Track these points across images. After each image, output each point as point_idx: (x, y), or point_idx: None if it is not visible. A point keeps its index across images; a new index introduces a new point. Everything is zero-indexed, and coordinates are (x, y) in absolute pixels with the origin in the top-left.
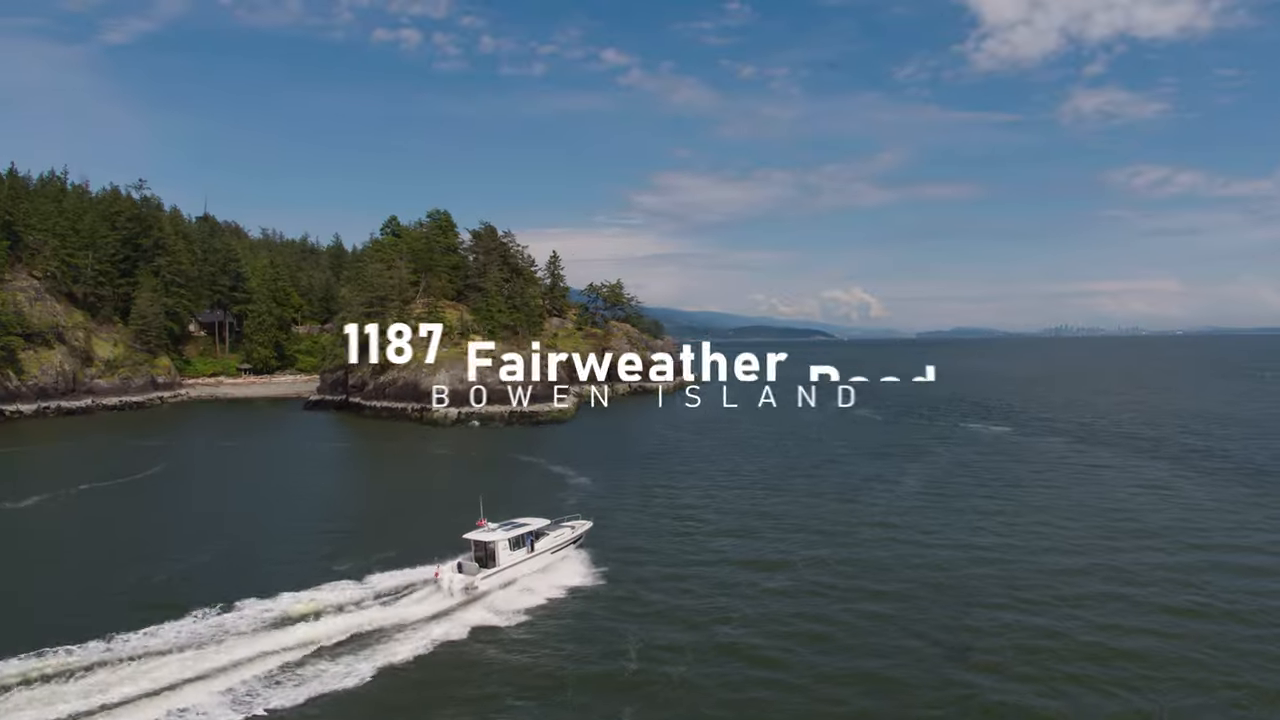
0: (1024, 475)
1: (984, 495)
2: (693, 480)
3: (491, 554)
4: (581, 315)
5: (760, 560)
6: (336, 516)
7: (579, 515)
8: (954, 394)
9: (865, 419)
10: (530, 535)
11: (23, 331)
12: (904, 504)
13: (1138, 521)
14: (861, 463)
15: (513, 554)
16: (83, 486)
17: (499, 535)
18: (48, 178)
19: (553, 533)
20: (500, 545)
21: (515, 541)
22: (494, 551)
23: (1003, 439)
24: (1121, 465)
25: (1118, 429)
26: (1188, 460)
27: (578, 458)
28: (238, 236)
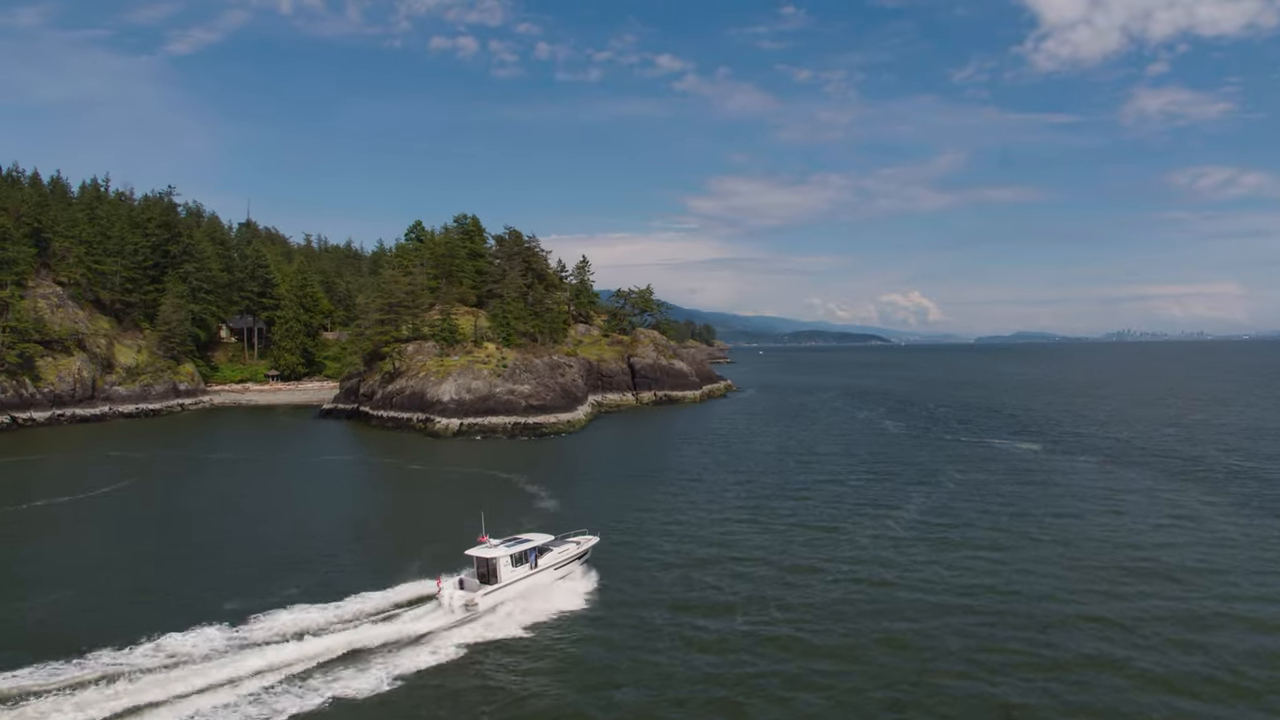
0: (1036, 503)
1: (984, 527)
2: (669, 501)
3: (493, 570)
4: (610, 321)
5: (700, 604)
6: (305, 536)
7: (585, 530)
8: (994, 404)
9: (887, 432)
10: (533, 551)
11: (42, 339)
12: (891, 534)
13: (1152, 561)
14: (862, 484)
15: (514, 570)
16: (38, 503)
17: (500, 551)
18: (89, 185)
19: (557, 549)
20: (502, 562)
21: (517, 558)
22: (495, 568)
23: (1026, 459)
24: (1149, 490)
25: (1155, 446)
26: (1224, 486)
27: (562, 475)
28: (275, 243)
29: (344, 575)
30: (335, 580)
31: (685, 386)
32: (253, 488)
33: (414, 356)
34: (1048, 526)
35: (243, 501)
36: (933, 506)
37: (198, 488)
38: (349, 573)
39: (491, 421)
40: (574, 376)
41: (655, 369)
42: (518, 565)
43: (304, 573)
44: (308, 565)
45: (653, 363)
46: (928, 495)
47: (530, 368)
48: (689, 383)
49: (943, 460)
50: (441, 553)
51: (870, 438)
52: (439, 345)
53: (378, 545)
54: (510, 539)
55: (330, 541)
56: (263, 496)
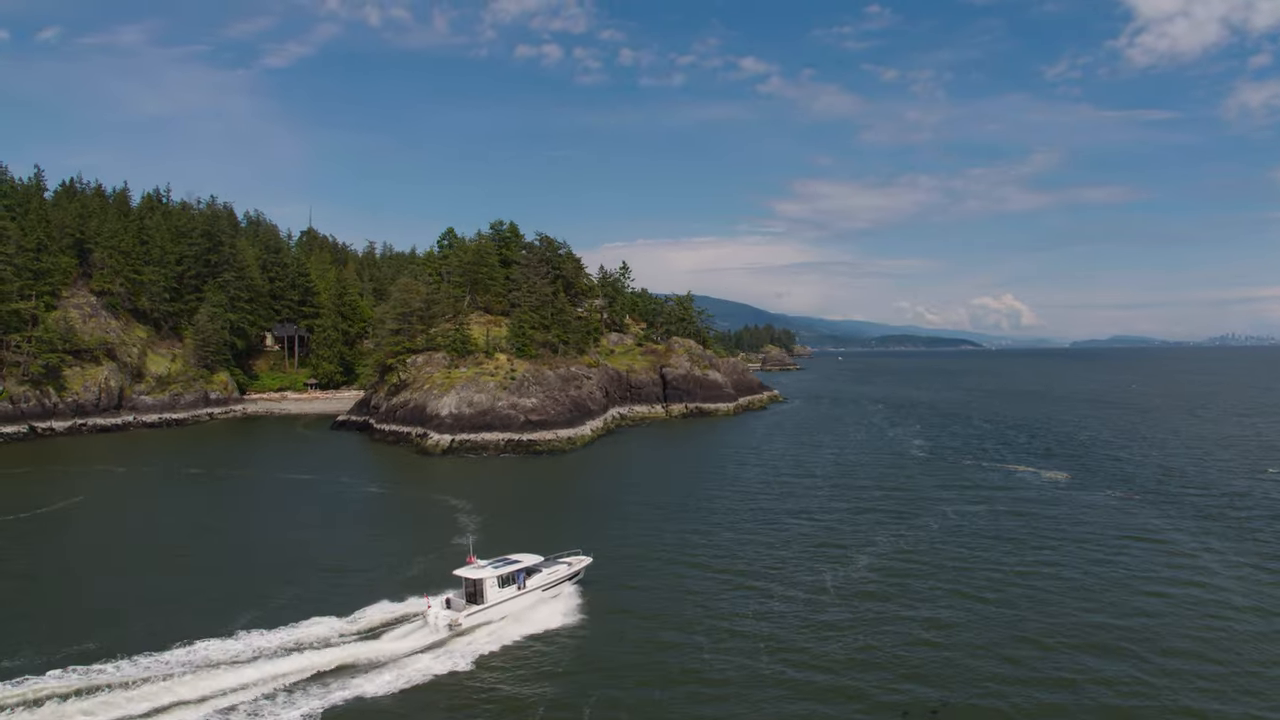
0: (1031, 553)
1: (950, 586)
2: (614, 531)
3: (480, 591)
4: (648, 330)
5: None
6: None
7: (579, 550)
8: (1045, 421)
9: (907, 453)
10: (521, 573)
11: (71, 348)
12: (820, 590)
13: (1150, 642)
14: (834, 518)
15: (501, 591)
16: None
17: (487, 572)
18: (149, 196)
19: (547, 569)
20: (488, 582)
21: (504, 579)
22: (482, 589)
23: (1044, 491)
24: (1174, 538)
25: (1199, 478)
26: (1262, 534)
27: (519, 499)
28: (326, 251)
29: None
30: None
31: (719, 399)
32: (190, 508)
33: (422, 368)
34: (1032, 586)
35: (161, 526)
36: (894, 554)
37: (126, 509)
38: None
39: (484, 438)
40: (591, 389)
41: (688, 380)
42: (504, 586)
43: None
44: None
45: (685, 373)
46: (898, 539)
47: (541, 380)
48: (723, 395)
49: (945, 492)
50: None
51: (882, 460)
52: (449, 356)
53: (254, 579)
54: (499, 559)
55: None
56: (188, 520)
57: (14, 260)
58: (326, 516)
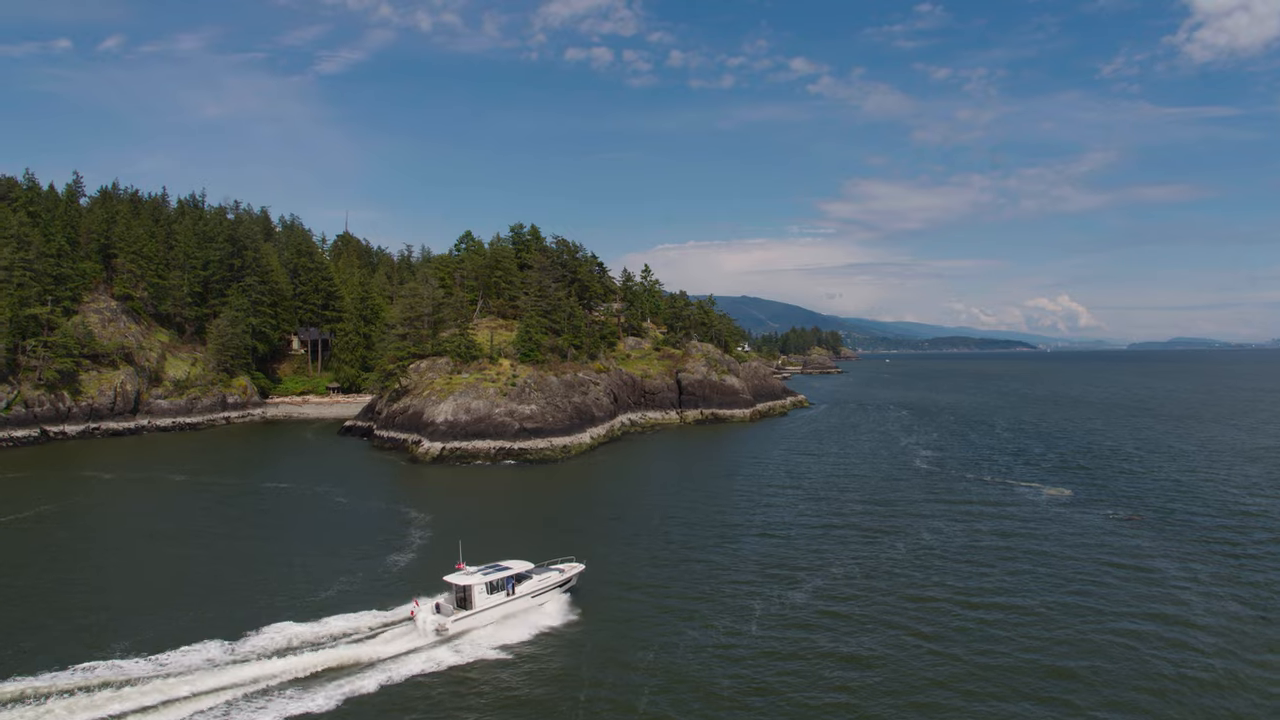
0: (994, 580)
1: (888, 617)
2: (564, 549)
3: (468, 597)
4: (668, 334)
5: None
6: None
7: (572, 557)
8: (1066, 427)
9: (910, 465)
10: (511, 579)
11: (89, 353)
12: (773, 618)
13: (1090, 691)
14: (804, 536)
15: (489, 598)
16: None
17: (476, 579)
18: (186, 200)
19: (538, 576)
20: (476, 589)
21: (492, 585)
22: (470, 595)
23: (1038, 509)
24: (1159, 567)
25: (1214, 497)
26: (1258, 565)
27: (482, 514)
28: (364, 256)
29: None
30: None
31: (735, 405)
32: (145, 517)
33: (425, 374)
34: (950, 624)
35: (107, 536)
36: (844, 579)
37: (85, 520)
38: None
39: (475, 446)
40: (598, 395)
41: (704, 385)
42: (493, 593)
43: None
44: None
45: (701, 379)
46: (857, 561)
47: (543, 386)
48: (739, 401)
49: (930, 508)
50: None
51: (879, 472)
52: (453, 362)
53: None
54: (490, 566)
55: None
56: (139, 529)
57: (34, 266)
58: (273, 528)
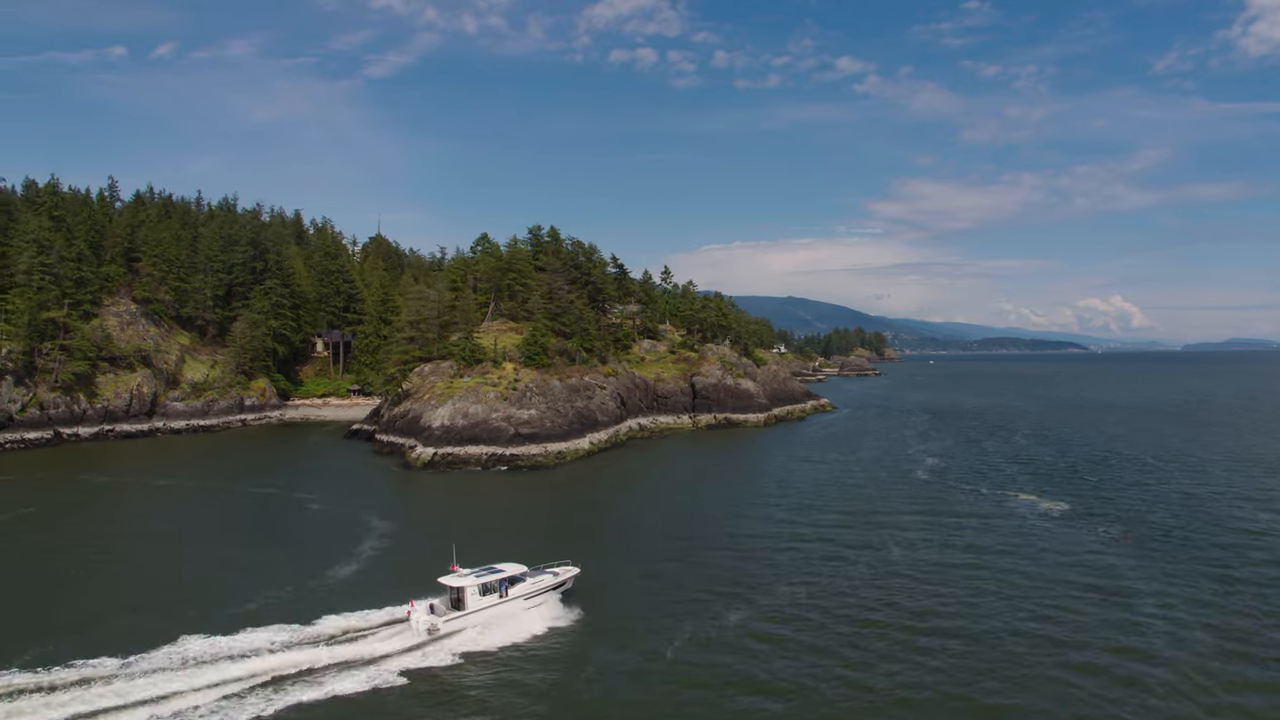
0: (948, 604)
1: (817, 640)
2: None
3: (461, 598)
4: (687, 336)
5: None
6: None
7: (568, 561)
8: (1087, 434)
9: (909, 474)
10: (504, 582)
11: (106, 355)
12: (692, 645)
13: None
14: (766, 552)
15: (482, 599)
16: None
17: (469, 581)
18: (219, 204)
19: (532, 579)
20: (469, 591)
21: (485, 588)
22: (463, 596)
23: (1026, 525)
24: (1135, 591)
25: (1221, 513)
26: (1243, 596)
27: (453, 522)
28: (394, 258)
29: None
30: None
31: (749, 409)
32: (114, 522)
33: (428, 377)
34: (876, 652)
35: (68, 540)
36: (788, 603)
37: (57, 524)
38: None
39: (468, 452)
40: (604, 399)
41: (718, 389)
42: (485, 595)
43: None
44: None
45: (716, 382)
46: (809, 582)
47: (545, 390)
48: (754, 405)
49: (910, 521)
50: None
51: (875, 481)
52: (456, 365)
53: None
54: (484, 568)
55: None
56: (100, 532)
57: (54, 270)
58: (231, 536)
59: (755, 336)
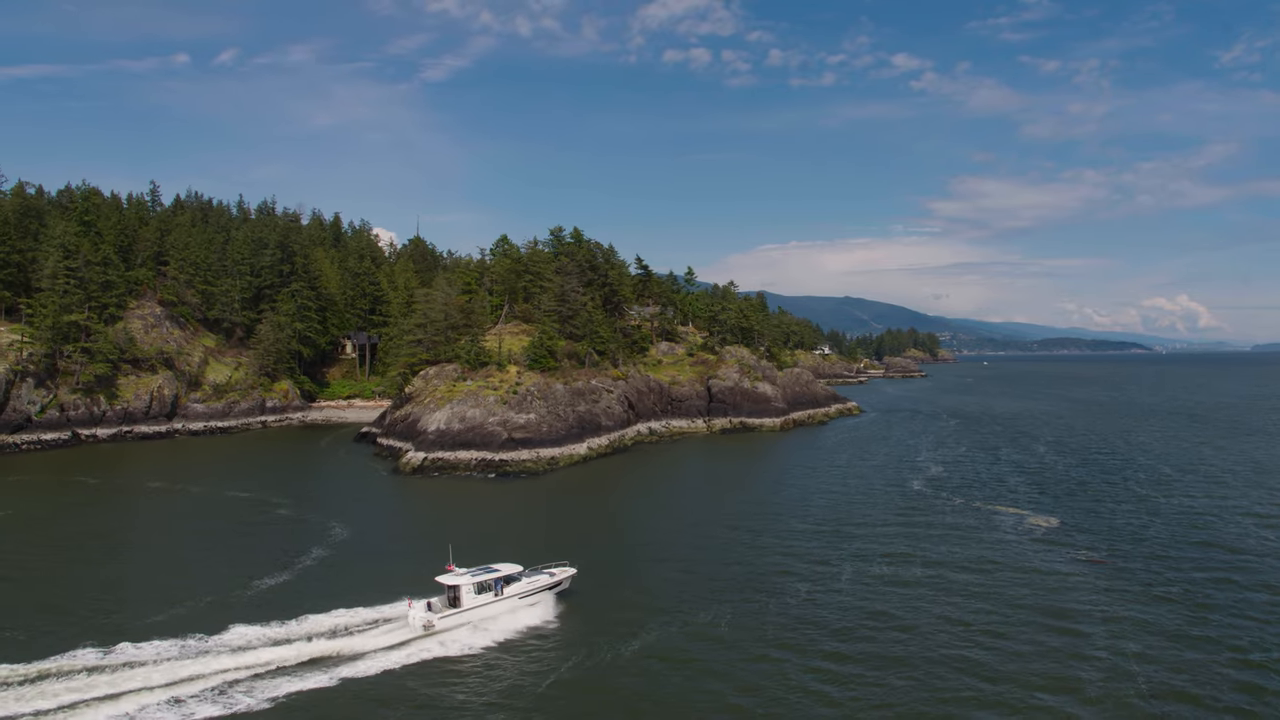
0: (876, 636)
1: (710, 682)
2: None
3: (457, 596)
4: (708, 338)
5: None
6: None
7: (565, 562)
8: (1109, 443)
9: (904, 485)
10: (499, 581)
11: (129, 358)
12: (578, 676)
13: None
14: (707, 572)
15: (477, 597)
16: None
17: (465, 580)
18: (259, 207)
19: (527, 579)
20: (465, 589)
21: (480, 586)
22: (458, 594)
23: (1004, 543)
24: (1091, 633)
25: (1222, 533)
26: (1209, 635)
27: (405, 532)
28: (431, 260)
29: None
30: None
31: (765, 413)
32: (82, 524)
33: (431, 380)
34: (784, 690)
35: (33, 542)
36: (704, 624)
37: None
38: None
39: (458, 457)
40: (610, 403)
41: (735, 393)
42: (481, 593)
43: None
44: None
45: (733, 386)
46: (737, 606)
47: (547, 394)
48: (770, 409)
49: (886, 536)
50: None
51: (868, 491)
52: (461, 368)
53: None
54: (481, 568)
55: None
56: (66, 534)
57: (78, 274)
58: (166, 541)
59: (796, 337)
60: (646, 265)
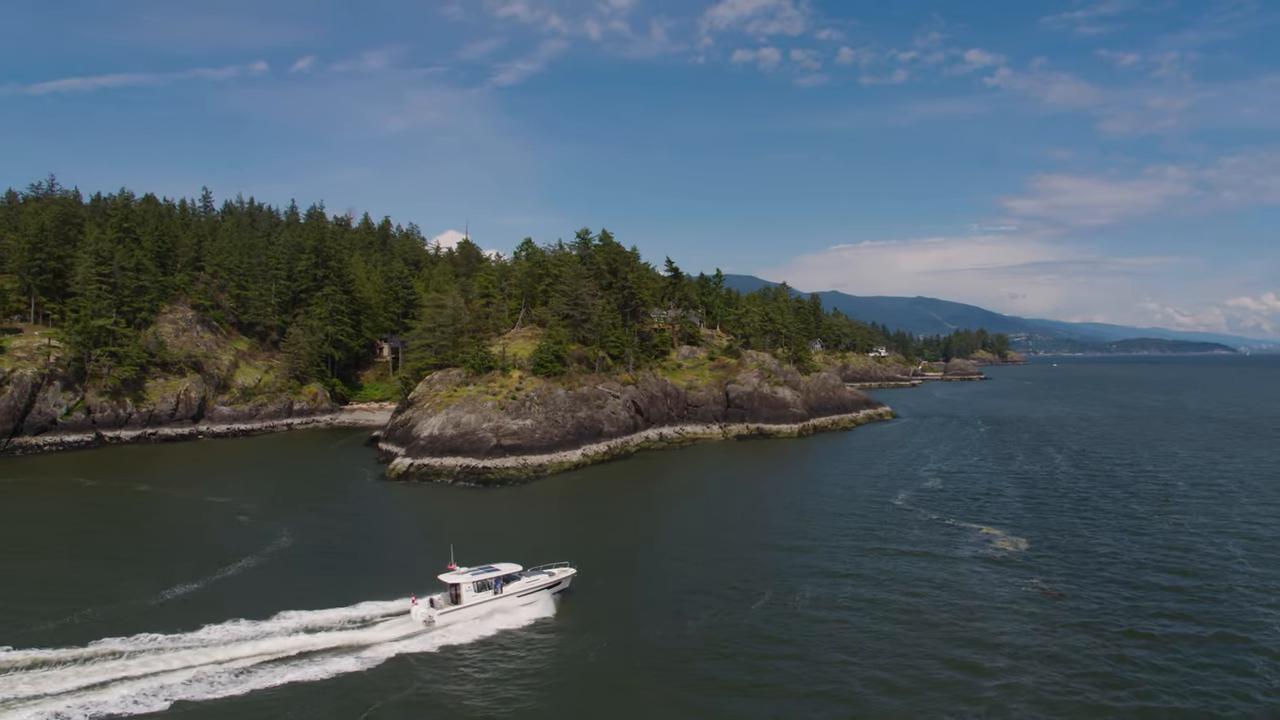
0: (781, 667)
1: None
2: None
3: (458, 594)
4: (733, 341)
5: None
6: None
7: (566, 562)
8: (1137, 454)
9: (885, 500)
10: (499, 580)
11: (158, 361)
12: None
13: None
14: (611, 590)
15: (476, 595)
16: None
17: (465, 578)
18: (308, 212)
19: (526, 578)
20: (465, 587)
21: (480, 585)
22: (459, 592)
23: (958, 564)
24: (992, 664)
25: (1205, 554)
26: (1134, 694)
27: (339, 548)
28: (467, 262)
29: None
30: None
31: (783, 419)
32: (50, 525)
33: (435, 385)
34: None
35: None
36: (589, 648)
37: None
38: None
39: (442, 464)
40: (615, 408)
41: (753, 398)
42: (480, 591)
43: None
44: None
45: (751, 391)
46: (638, 628)
47: (547, 399)
48: (788, 415)
49: (841, 553)
50: None
51: (846, 505)
52: (465, 373)
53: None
54: (483, 567)
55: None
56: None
57: (110, 279)
58: (112, 544)
59: (849, 340)
60: (676, 267)
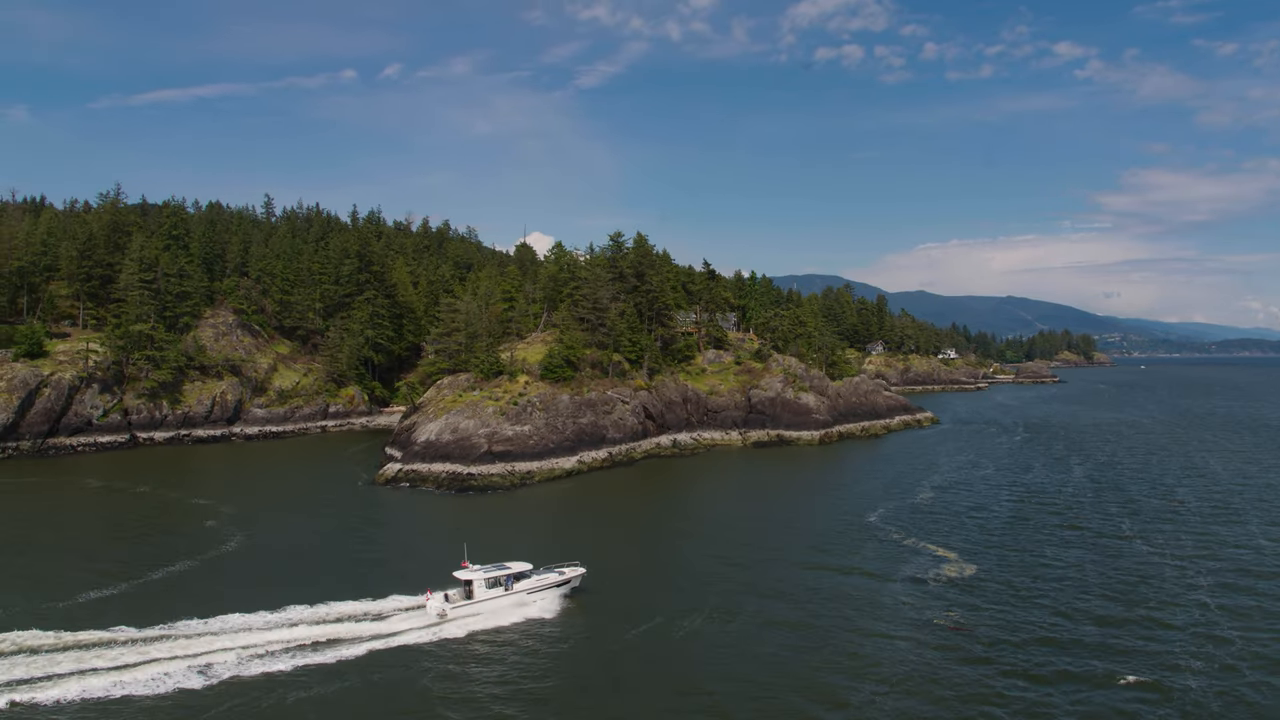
0: (642, 696)
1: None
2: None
3: (470, 590)
4: (763, 345)
5: None
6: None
7: (576, 562)
8: (1164, 465)
9: (860, 515)
10: (510, 577)
11: (196, 365)
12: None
13: None
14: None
15: (488, 591)
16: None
17: (478, 575)
18: (368, 216)
19: (537, 576)
20: (477, 583)
21: (491, 581)
22: (471, 588)
23: (875, 596)
24: (855, 698)
25: (1168, 588)
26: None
27: (289, 560)
28: (530, 265)
29: None
30: None
31: (805, 426)
32: (30, 525)
33: (443, 390)
34: None
35: None
36: (477, 672)
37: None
38: None
39: (430, 469)
40: (622, 414)
41: (775, 404)
42: (492, 588)
43: None
44: None
45: (774, 396)
46: (513, 657)
47: (550, 405)
48: (810, 422)
49: (781, 574)
50: None
51: (818, 521)
52: (474, 378)
53: None
54: (495, 565)
55: None
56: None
57: (153, 285)
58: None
59: (912, 341)
60: (712, 268)
